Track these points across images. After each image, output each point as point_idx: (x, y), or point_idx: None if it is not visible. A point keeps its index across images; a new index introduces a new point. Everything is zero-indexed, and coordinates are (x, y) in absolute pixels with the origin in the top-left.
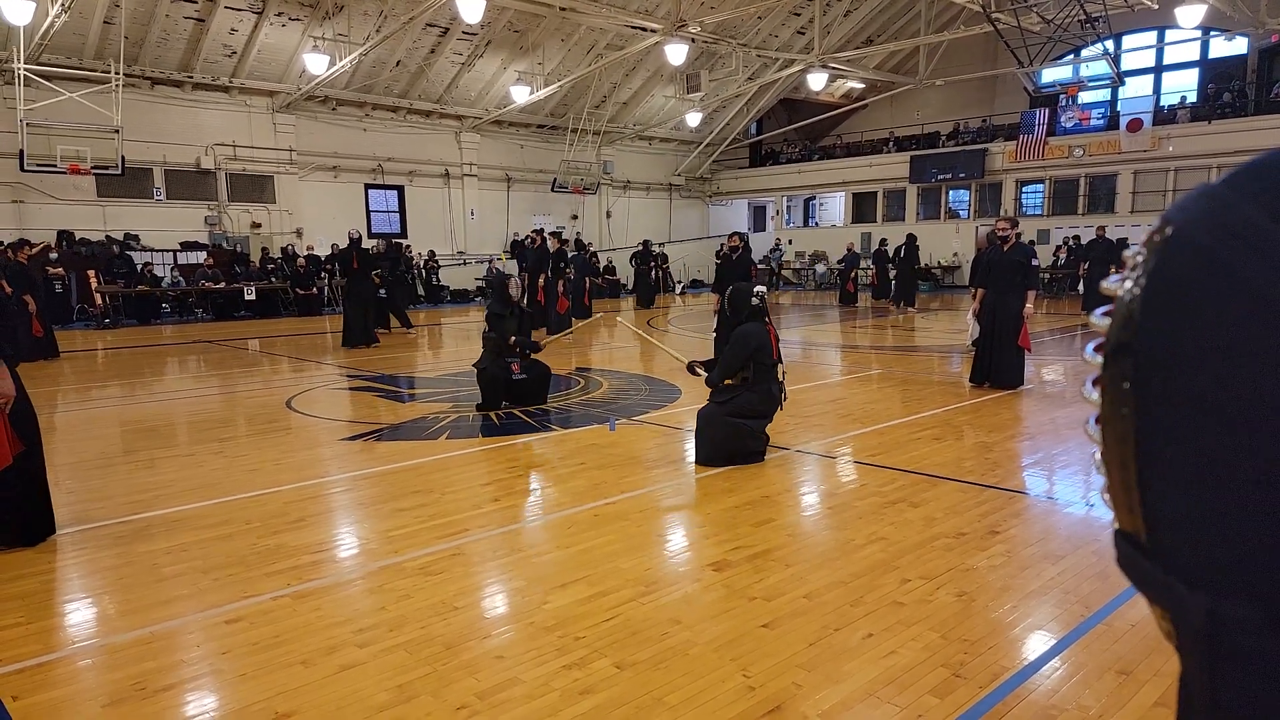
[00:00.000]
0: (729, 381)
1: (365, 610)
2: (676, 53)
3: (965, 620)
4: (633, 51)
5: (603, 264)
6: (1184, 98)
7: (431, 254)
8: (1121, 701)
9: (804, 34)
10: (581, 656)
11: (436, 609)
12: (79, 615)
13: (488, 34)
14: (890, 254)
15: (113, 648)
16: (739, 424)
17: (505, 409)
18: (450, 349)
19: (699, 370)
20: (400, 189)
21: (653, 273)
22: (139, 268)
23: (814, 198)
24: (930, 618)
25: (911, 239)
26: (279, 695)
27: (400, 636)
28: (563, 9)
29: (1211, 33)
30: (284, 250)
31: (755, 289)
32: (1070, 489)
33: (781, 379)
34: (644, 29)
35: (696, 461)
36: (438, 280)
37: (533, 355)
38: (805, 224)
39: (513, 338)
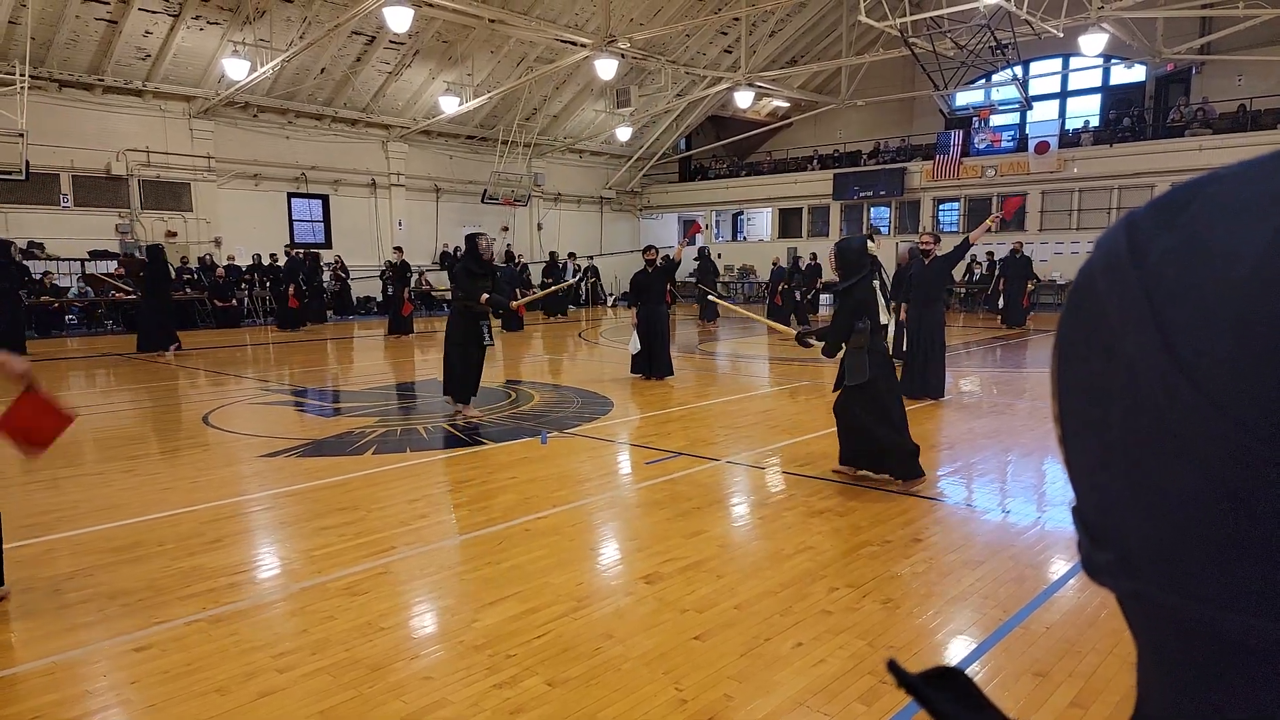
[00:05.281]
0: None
1: (286, 633)
2: (606, 67)
3: (890, 627)
4: (563, 65)
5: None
6: (1087, 122)
7: (389, 264)
8: (1038, 703)
9: (731, 53)
10: (512, 675)
11: (362, 630)
12: None
13: (415, 44)
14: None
15: (11, 680)
16: (879, 431)
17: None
18: (372, 362)
19: (810, 341)
20: (325, 198)
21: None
22: (39, 277)
23: (742, 213)
24: (857, 625)
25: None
26: None
27: (323, 660)
28: (492, 21)
29: (1112, 61)
30: (201, 260)
31: (867, 238)
32: (987, 497)
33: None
34: (574, 43)
35: (840, 461)
36: (389, 291)
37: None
38: (734, 238)
39: (485, 295)
